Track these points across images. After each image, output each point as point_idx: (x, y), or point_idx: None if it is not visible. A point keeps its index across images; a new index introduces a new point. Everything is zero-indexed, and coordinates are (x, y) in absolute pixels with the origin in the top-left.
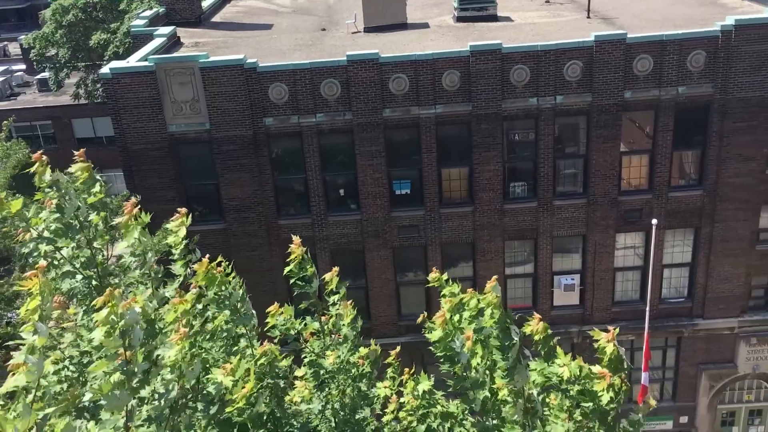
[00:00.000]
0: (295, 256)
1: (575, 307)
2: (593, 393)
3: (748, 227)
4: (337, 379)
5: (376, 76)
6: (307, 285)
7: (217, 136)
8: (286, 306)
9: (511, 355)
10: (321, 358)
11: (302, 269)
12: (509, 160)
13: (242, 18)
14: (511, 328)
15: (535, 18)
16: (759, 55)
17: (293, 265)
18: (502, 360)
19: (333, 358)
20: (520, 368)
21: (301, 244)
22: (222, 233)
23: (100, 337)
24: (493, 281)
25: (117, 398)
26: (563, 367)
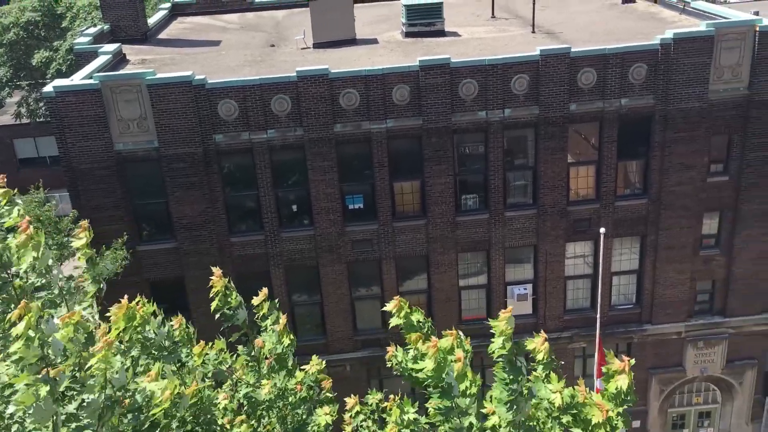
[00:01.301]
0: (218, 289)
1: (528, 316)
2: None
3: (691, 234)
4: (276, 406)
5: (327, 91)
6: (234, 316)
7: (166, 153)
8: (217, 340)
9: (516, 388)
10: (257, 388)
11: (227, 301)
12: (460, 173)
13: (189, 35)
14: (518, 360)
15: (482, 33)
16: (697, 67)
17: (217, 299)
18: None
19: (268, 388)
20: (521, 401)
21: (255, 260)
22: (173, 252)
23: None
24: (508, 312)
25: (42, 410)
26: (556, 393)
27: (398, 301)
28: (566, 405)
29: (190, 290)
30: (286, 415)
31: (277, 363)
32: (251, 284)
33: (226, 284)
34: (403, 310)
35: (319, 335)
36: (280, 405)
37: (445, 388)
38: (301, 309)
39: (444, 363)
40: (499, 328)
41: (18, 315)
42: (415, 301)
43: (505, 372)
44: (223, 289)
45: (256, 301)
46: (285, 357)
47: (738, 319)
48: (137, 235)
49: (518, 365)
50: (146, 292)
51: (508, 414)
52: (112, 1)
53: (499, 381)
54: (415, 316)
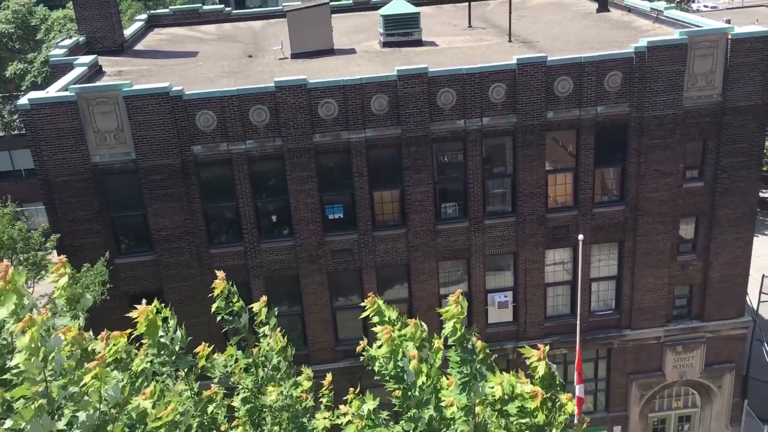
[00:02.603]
0: (220, 290)
1: (509, 323)
2: (528, 411)
3: (669, 239)
4: (279, 416)
5: (305, 101)
6: (236, 319)
7: (144, 165)
8: (229, 346)
9: (469, 371)
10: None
11: (229, 304)
12: (440, 182)
13: (166, 46)
14: (469, 343)
15: (459, 42)
16: (671, 75)
17: (219, 300)
18: (458, 375)
19: (275, 395)
20: (475, 384)
21: (235, 272)
22: (152, 265)
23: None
24: (458, 295)
25: (40, 425)
26: (496, 386)
27: (372, 297)
28: (507, 396)
29: (169, 303)
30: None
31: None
32: None
33: (228, 288)
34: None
35: (301, 346)
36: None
37: (398, 375)
38: (282, 320)
39: (398, 349)
40: (450, 312)
41: (22, 327)
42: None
43: (458, 355)
44: (225, 293)
45: (257, 307)
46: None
47: (715, 324)
48: (115, 248)
49: (469, 347)
50: (124, 305)
51: (463, 396)
52: (88, 13)
53: (453, 364)
54: (388, 313)
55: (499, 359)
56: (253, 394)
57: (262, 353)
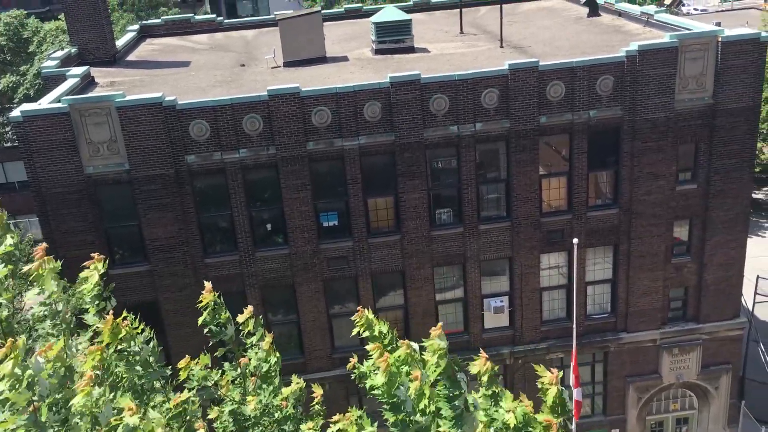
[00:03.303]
0: (207, 302)
1: (506, 328)
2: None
3: (663, 242)
4: (261, 424)
5: (298, 109)
6: (222, 331)
7: (137, 176)
8: (202, 355)
9: (458, 404)
10: (242, 405)
11: (216, 316)
12: (434, 188)
13: (158, 56)
14: (458, 377)
15: (451, 49)
16: (662, 78)
17: (206, 313)
18: (449, 409)
19: (254, 404)
20: (467, 417)
21: (230, 281)
22: (147, 275)
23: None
24: (438, 329)
25: None
26: (509, 413)
27: (361, 311)
28: (520, 424)
29: (164, 313)
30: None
31: (264, 381)
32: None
33: (215, 299)
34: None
35: (297, 354)
36: (267, 422)
37: (396, 403)
38: (279, 328)
39: (395, 378)
40: (433, 347)
41: (4, 353)
42: (393, 317)
43: (447, 389)
44: (212, 304)
45: (242, 318)
46: (272, 375)
47: (711, 325)
48: (109, 259)
49: (458, 380)
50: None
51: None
52: (80, 25)
53: (442, 398)
54: (378, 327)
55: (496, 364)
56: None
57: (252, 364)
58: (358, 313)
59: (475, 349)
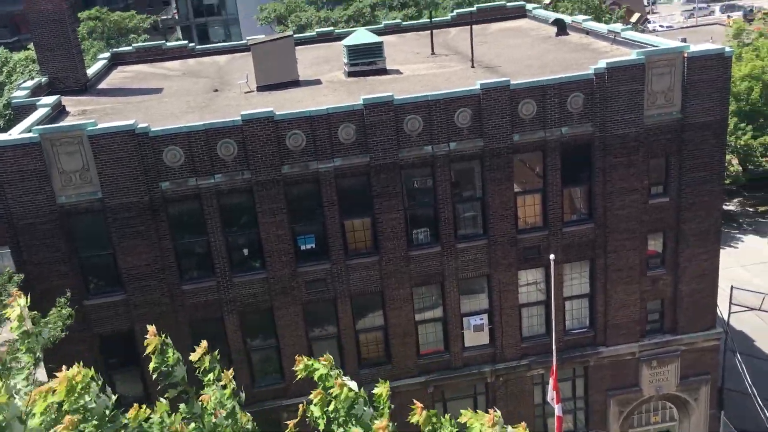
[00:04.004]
0: (153, 347)
1: (486, 346)
2: None
3: (638, 255)
4: None
5: (273, 133)
6: (172, 374)
7: (111, 204)
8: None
9: None
10: None
11: (164, 359)
12: (410, 208)
13: (130, 83)
14: None
15: (423, 70)
16: (631, 94)
17: (154, 358)
18: None
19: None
20: None
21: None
22: (122, 305)
23: None
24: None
25: None
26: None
27: (299, 360)
28: None
29: (141, 343)
30: None
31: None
32: (206, 331)
33: (162, 341)
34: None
35: (278, 379)
36: None
37: None
38: (258, 354)
39: None
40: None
41: None
42: (373, 338)
43: None
44: (159, 347)
45: (195, 356)
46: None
47: (688, 336)
48: (84, 289)
49: None
50: (95, 347)
51: None
52: (50, 54)
53: None
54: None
55: (478, 383)
56: None
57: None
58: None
59: (457, 368)
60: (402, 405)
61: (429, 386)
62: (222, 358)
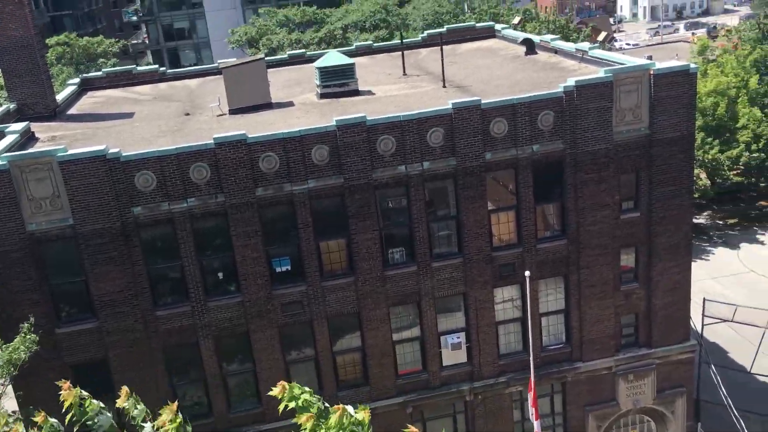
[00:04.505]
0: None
1: (464, 364)
2: None
3: (611, 270)
4: None
5: (246, 156)
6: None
7: (82, 230)
8: None
9: None
10: None
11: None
12: (385, 228)
13: (101, 108)
14: None
15: (395, 90)
16: (600, 112)
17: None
18: None
19: None
20: None
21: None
22: (95, 332)
23: None
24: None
25: None
26: None
27: (282, 386)
28: None
29: (114, 371)
30: None
31: None
32: (180, 357)
33: (79, 394)
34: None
35: (255, 404)
36: None
37: None
38: (235, 378)
39: None
40: None
41: None
42: (350, 360)
43: None
44: (77, 400)
45: (120, 402)
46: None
47: (663, 349)
48: (55, 317)
49: None
50: (68, 376)
51: None
52: (18, 80)
53: None
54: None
55: (456, 402)
56: None
57: None
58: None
59: (435, 388)
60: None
61: (408, 406)
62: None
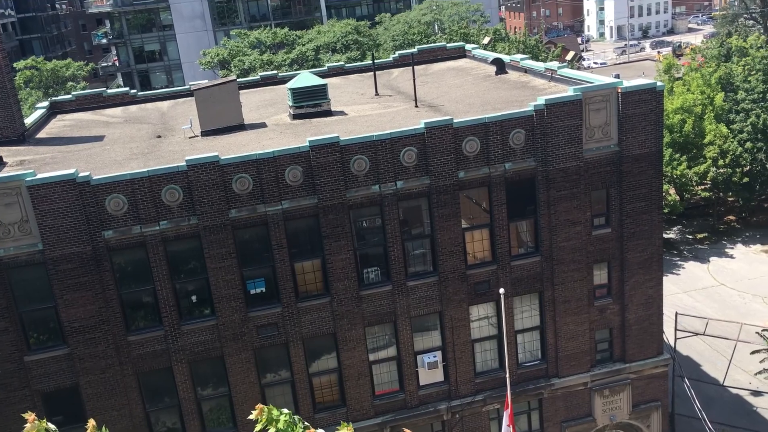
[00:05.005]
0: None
1: (441, 383)
2: None
3: (585, 286)
4: None
5: (219, 178)
6: None
7: (52, 255)
8: None
9: None
10: None
11: None
12: (360, 247)
13: (71, 132)
14: None
15: (368, 110)
16: (570, 129)
17: None
18: None
19: None
20: None
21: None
22: (66, 359)
23: None
24: None
25: None
26: None
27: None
28: None
29: (86, 398)
30: None
31: None
32: (154, 383)
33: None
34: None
35: (230, 429)
36: None
37: None
38: (209, 403)
39: None
40: None
41: None
42: (327, 381)
43: None
44: None
45: None
46: None
47: (637, 364)
48: (24, 345)
49: None
50: (38, 405)
51: None
52: None
53: None
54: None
55: (434, 420)
56: None
57: None
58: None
59: (413, 407)
60: None
61: (385, 427)
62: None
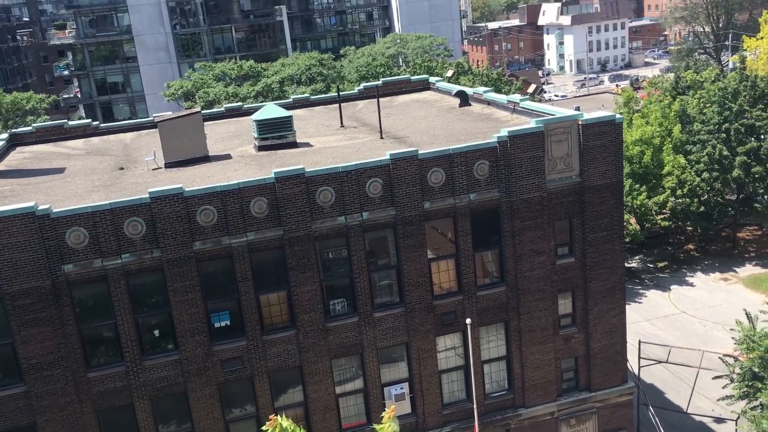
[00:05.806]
0: None
1: (408, 415)
2: None
3: (550, 315)
4: None
5: (183, 210)
6: None
7: (9, 290)
8: None
9: None
10: None
11: None
12: (326, 279)
13: (30, 164)
14: None
15: (333, 142)
16: (533, 160)
17: None
18: None
19: None
20: None
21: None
22: (23, 397)
23: None
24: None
25: None
26: None
27: (274, 420)
28: None
29: None
30: None
31: None
32: (114, 420)
33: None
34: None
35: None
36: None
37: None
38: None
39: None
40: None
41: None
42: (293, 415)
43: None
44: None
45: None
46: None
47: (603, 393)
48: None
49: None
50: None
51: None
52: None
53: None
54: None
55: None
56: None
57: None
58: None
59: None
60: None
61: None
62: None
